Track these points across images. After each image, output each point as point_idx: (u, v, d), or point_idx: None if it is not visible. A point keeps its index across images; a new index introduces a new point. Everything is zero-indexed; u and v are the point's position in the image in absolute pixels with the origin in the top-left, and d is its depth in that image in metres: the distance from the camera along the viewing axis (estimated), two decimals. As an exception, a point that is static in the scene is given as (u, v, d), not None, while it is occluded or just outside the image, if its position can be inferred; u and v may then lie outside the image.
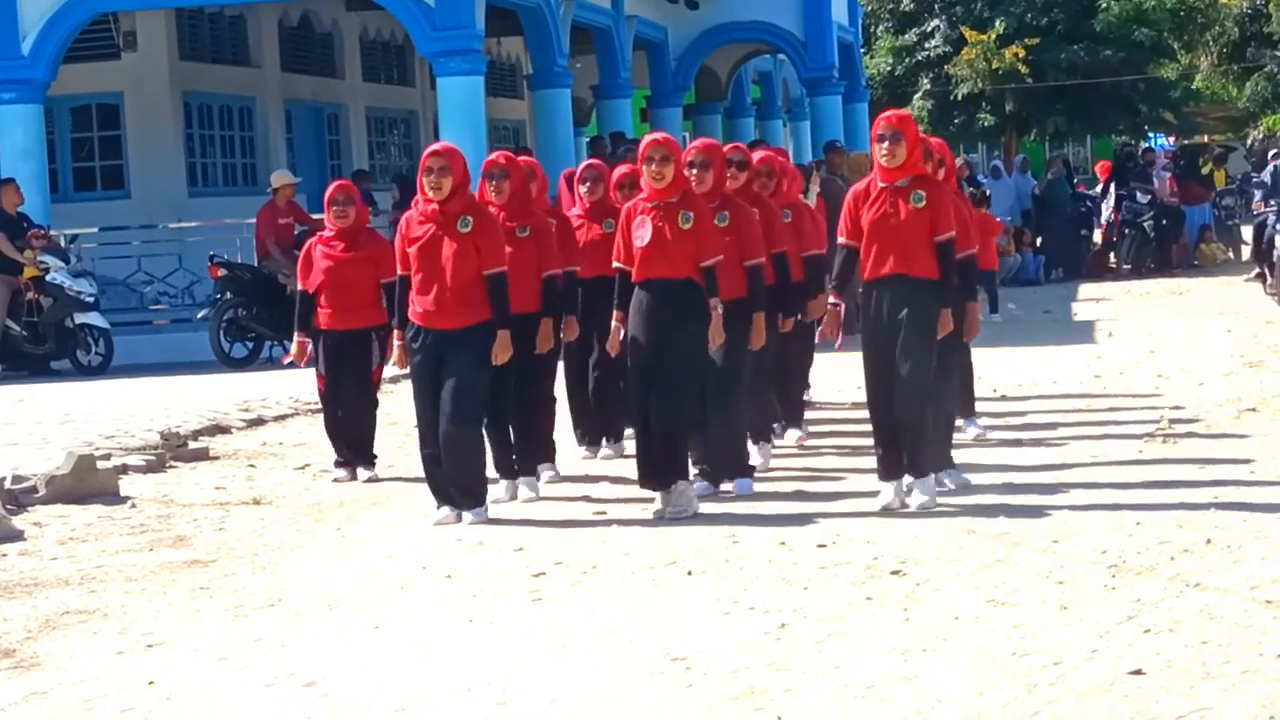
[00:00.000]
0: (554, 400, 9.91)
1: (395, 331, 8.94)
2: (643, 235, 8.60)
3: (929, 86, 35.05)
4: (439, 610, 6.92)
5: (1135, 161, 28.50)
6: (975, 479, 9.09)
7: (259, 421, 12.75)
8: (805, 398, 11.56)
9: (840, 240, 8.69)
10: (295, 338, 10.37)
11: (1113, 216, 26.56)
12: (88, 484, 9.67)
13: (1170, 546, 7.26)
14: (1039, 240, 26.53)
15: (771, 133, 32.76)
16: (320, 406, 10.78)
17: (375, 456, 10.45)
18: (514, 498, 9.31)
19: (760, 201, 9.67)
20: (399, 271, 8.85)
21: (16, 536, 8.68)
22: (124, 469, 10.45)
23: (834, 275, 8.82)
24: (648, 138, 8.83)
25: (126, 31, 21.54)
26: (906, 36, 35.17)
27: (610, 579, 7.28)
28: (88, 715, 5.76)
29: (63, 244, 18.20)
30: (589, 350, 10.35)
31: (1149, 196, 25.70)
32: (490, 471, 9.13)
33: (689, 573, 7.29)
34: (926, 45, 34.73)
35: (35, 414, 13.47)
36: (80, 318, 17.26)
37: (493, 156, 9.56)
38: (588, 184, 10.41)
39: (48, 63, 18.87)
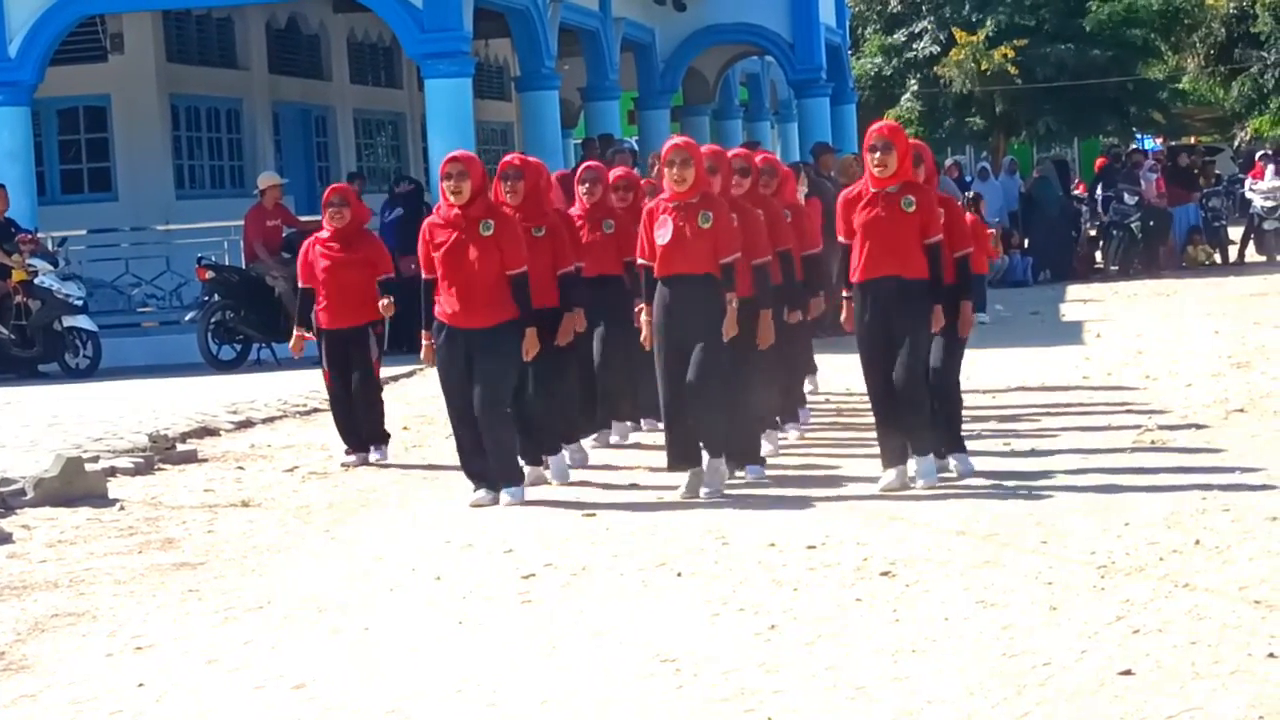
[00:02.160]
0: (577, 392, 10.31)
1: (424, 332, 9.28)
2: (664, 234, 9.04)
3: (917, 87, 35.05)
4: (428, 612, 6.91)
5: (1121, 162, 28.50)
6: (964, 481, 9.16)
7: (247, 424, 12.73)
8: (809, 389, 12.01)
9: (841, 240, 9.12)
10: (295, 331, 10.88)
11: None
12: (76, 486, 9.66)
13: (1159, 547, 7.27)
14: (1026, 242, 26.52)
15: (759, 134, 32.78)
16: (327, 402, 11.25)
17: (388, 435, 10.94)
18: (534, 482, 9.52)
19: (766, 202, 10.07)
20: (423, 275, 9.23)
21: (5, 539, 8.66)
22: (112, 471, 10.43)
23: (841, 272, 9.20)
24: (669, 142, 9.30)
25: (114, 34, 21.50)
26: (895, 37, 35.16)
27: (600, 580, 7.28)
28: (77, 718, 5.75)
29: (51, 247, 18.17)
30: (589, 345, 10.61)
31: (1136, 198, 25.70)
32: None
33: (678, 574, 7.29)
34: (915, 46, 34.71)
35: (23, 417, 13.43)
36: (68, 321, 17.21)
37: (508, 158, 9.93)
38: (587, 185, 10.57)
39: (35, 65, 18.84)
